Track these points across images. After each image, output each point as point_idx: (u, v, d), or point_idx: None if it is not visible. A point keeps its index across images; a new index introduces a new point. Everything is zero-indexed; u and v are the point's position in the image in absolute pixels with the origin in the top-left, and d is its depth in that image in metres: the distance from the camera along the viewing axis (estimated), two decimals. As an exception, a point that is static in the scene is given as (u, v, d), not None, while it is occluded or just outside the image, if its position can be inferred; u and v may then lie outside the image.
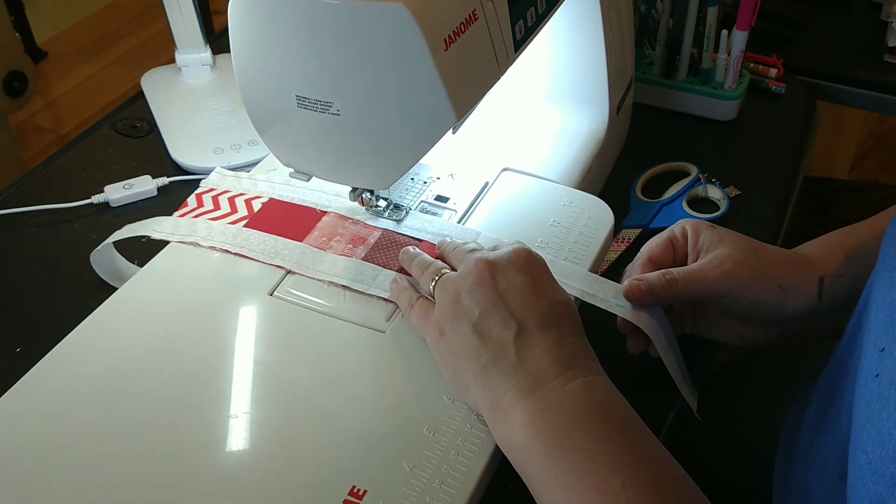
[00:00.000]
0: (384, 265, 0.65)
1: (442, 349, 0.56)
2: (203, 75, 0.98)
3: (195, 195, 0.73)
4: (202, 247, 0.67)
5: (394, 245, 0.67)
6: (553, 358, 0.52)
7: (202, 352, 0.60)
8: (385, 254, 0.66)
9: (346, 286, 0.63)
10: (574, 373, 0.52)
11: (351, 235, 0.68)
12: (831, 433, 0.52)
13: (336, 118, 0.57)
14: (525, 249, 0.58)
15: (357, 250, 0.66)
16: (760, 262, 0.62)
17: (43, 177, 0.87)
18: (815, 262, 0.64)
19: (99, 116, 0.96)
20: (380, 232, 0.68)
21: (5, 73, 1.57)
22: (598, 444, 0.48)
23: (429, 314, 0.58)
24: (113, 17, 2.76)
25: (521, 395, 0.51)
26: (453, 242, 0.63)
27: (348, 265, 0.65)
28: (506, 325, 0.53)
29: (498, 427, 0.52)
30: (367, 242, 0.67)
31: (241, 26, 0.57)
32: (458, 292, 0.56)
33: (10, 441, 0.54)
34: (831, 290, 0.62)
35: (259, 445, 0.54)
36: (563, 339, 0.53)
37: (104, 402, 0.56)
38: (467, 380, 0.54)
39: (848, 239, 0.65)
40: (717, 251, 0.63)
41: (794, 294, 0.62)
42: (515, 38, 0.61)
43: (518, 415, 0.51)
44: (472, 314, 0.54)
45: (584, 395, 0.51)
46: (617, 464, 0.47)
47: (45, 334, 0.62)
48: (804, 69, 1.08)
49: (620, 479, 0.47)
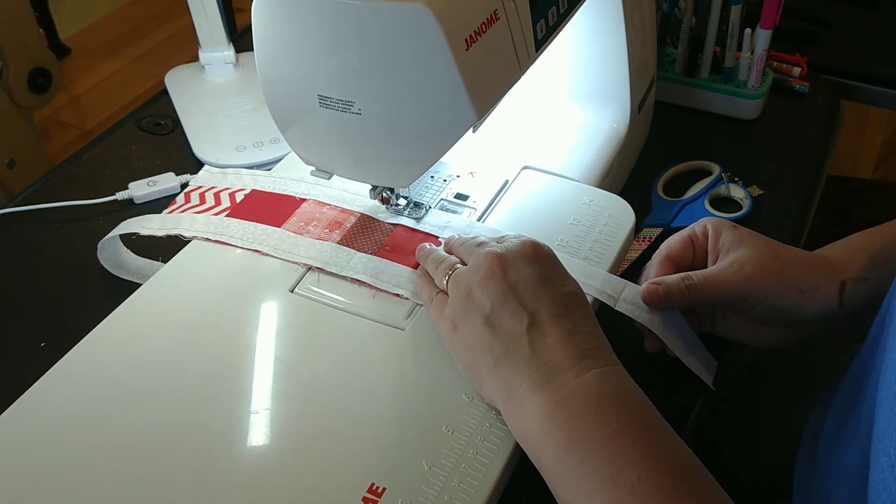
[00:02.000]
0: (359, 249, 0.66)
1: (455, 343, 0.56)
2: (226, 73, 0.99)
3: (184, 193, 0.75)
4: (224, 244, 0.68)
5: (370, 229, 0.68)
6: (566, 348, 0.52)
7: (224, 348, 0.60)
8: (361, 238, 0.67)
9: (362, 281, 0.64)
10: (588, 363, 0.52)
11: (328, 220, 0.69)
12: (853, 436, 0.52)
13: (357, 117, 0.57)
14: (532, 241, 0.58)
15: (333, 234, 0.68)
16: (781, 266, 0.62)
17: (68, 173, 0.88)
18: (838, 266, 0.63)
19: (122, 113, 0.97)
20: (356, 217, 0.69)
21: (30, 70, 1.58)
22: (614, 435, 0.48)
23: (443, 309, 0.58)
24: (136, 14, 2.78)
25: (536, 386, 0.51)
26: (461, 237, 0.64)
27: (323, 248, 0.66)
28: (517, 317, 0.53)
29: (513, 419, 0.52)
30: (343, 227, 0.68)
31: (265, 26, 0.57)
32: (470, 286, 0.56)
33: (36, 435, 0.55)
34: (853, 294, 0.62)
35: (279, 442, 0.54)
36: (575, 329, 0.53)
37: (127, 398, 0.57)
38: (482, 373, 0.54)
39: (871, 241, 0.64)
40: (737, 253, 0.63)
41: (815, 298, 0.61)
42: (536, 37, 0.60)
43: (533, 407, 0.51)
44: (484, 307, 0.54)
45: (598, 386, 0.50)
46: (632, 456, 0.47)
47: (70, 329, 0.62)
48: (828, 68, 1.07)
49: (636, 472, 0.46)
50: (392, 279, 0.64)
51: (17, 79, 1.57)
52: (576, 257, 0.66)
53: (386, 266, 0.65)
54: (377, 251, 0.66)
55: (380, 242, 0.67)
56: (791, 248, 0.64)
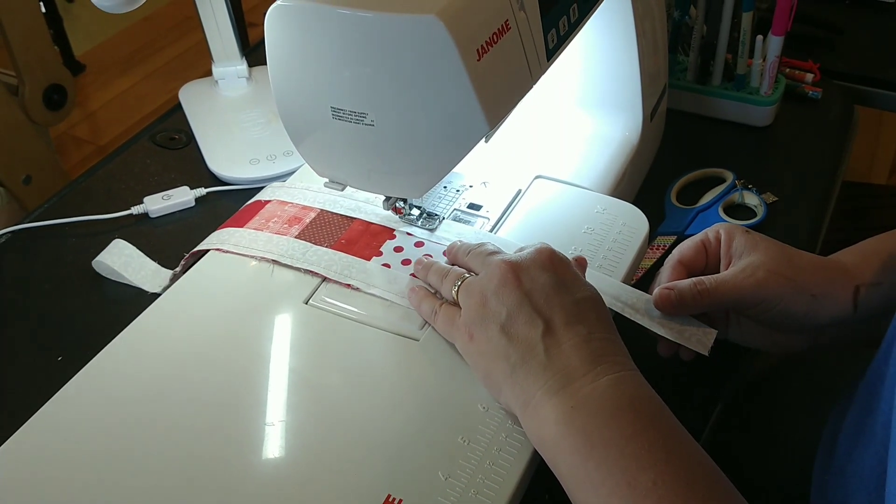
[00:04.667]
0: (316, 242, 0.68)
1: (472, 352, 0.56)
2: (239, 87, 1.00)
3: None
4: (240, 255, 0.68)
5: (329, 224, 0.70)
6: (581, 354, 0.52)
7: (239, 360, 0.60)
8: (319, 232, 0.69)
9: (349, 284, 0.65)
10: (604, 369, 0.52)
11: (288, 217, 0.71)
12: (869, 442, 0.51)
13: (370, 128, 0.57)
14: (547, 248, 0.58)
15: (291, 229, 0.69)
16: (793, 271, 0.61)
17: (83, 188, 0.88)
18: (851, 270, 0.63)
19: (137, 128, 0.98)
20: (315, 213, 0.71)
21: (45, 87, 1.60)
22: (629, 440, 0.48)
23: (455, 319, 0.58)
24: (150, 30, 2.80)
25: (552, 392, 0.51)
26: (466, 246, 0.64)
27: (280, 242, 0.68)
28: (533, 324, 0.54)
29: (530, 425, 0.52)
30: (302, 222, 0.70)
31: (277, 40, 0.57)
32: (485, 295, 0.56)
33: (54, 448, 0.55)
34: (867, 299, 0.61)
35: (295, 453, 0.54)
36: (590, 336, 0.53)
37: (143, 411, 0.57)
38: (499, 380, 0.54)
39: (885, 246, 0.64)
40: (749, 258, 0.62)
41: (829, 303, 0.61)
42: (548, 46, 0.61)
43: (549, 412, 0.51)
44: (500, 315, 0.55)
45: (613, 392, 0.51)
46: (648, 460, 0.47)
47: (87, 343, 0.63)
48: (841, 73, 1.06)
49: (652, 476, 0.46)
50: (343, 270, 0.65)
51: (33, 95, 1.58)
52: (590, 266, 0.66)
53: (340, 258, 0.66)
54: (333, 244, 0.68)
55: (336, 236, 0.69)
56: (804, 254, 0.64)
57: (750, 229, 0.65)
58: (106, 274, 0.77)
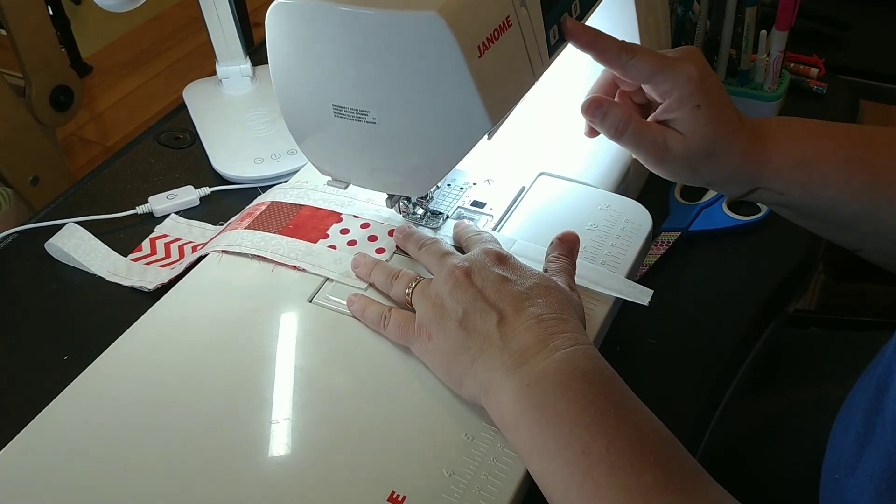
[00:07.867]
0: (264, 230, 0.70)
1: (431, 351, 0.58)
2: (243, 87, 1.00)
3: (149, 239, 0.81)
4: (242, 255, 0.68)
5: (279, 213, 0.72)
6: (534, 333, 0.54)
7: (244, 359, 0.60)
8: (268, 222, 0.71)
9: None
10: (557, 344, 0.53)
11: (245, 213, 0.74)
12: (878, 444, 0.51)
13: (372, 126, 0.58)
14: (489, 248, 0.61)
15: (243, 223, 0.72)
16: (723, 109, 0.63)
17: (89, 188, 0.89)
18: (770, 161, 0.64)
19: (144, 128, 0.98)
20: (266, 206, 0.73)
21: (52, 88, 1.61)
22: (583, 410, 0.50)
23: (410, 322, 0.59)
24: (155, 31, 2.81)
25: (508, 372, 0.53)
26: (418, 236, 0.66)
27: (230, 234, 0.70)
28: (487, 316, 0.55)
29: (492, 408, 0.54)
30: (253, 215, 0.73)
31: (278, 38, 0.57)
32: (440, 296, 0.58)
33: (60, 446, 0.55)
34: (760, 198, 0.65)
35: (300, 451, 0.55)
36: (541, 317, 0.55)
37: (149, 409, 0.57)
38: (460, 373, 0.56)
39: (820, 152, 0.64)
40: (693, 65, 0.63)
41: (719, 169, 0.63)
42: (550, 43, 0.61)
43: (507, 392, 0.52)
44: (457, 313, 0.56)
45: (566, 365, 0.52)
46: (600, 428, 0.49)
47: (92, 342, 0.63)
48: (847, 68, 1.06)
49: (604, 443, 0.48)
50: (280, 250, 0.68)
51: (40, 97, 1.59)
52: (594, 263, 0.66)
53: (286, 243, 0.68)
54: (281, 230, 0.70)
55: (284, 222, 0.70)
56: (754, 122, 0.65)
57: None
58: (59, 257, 0.78)
